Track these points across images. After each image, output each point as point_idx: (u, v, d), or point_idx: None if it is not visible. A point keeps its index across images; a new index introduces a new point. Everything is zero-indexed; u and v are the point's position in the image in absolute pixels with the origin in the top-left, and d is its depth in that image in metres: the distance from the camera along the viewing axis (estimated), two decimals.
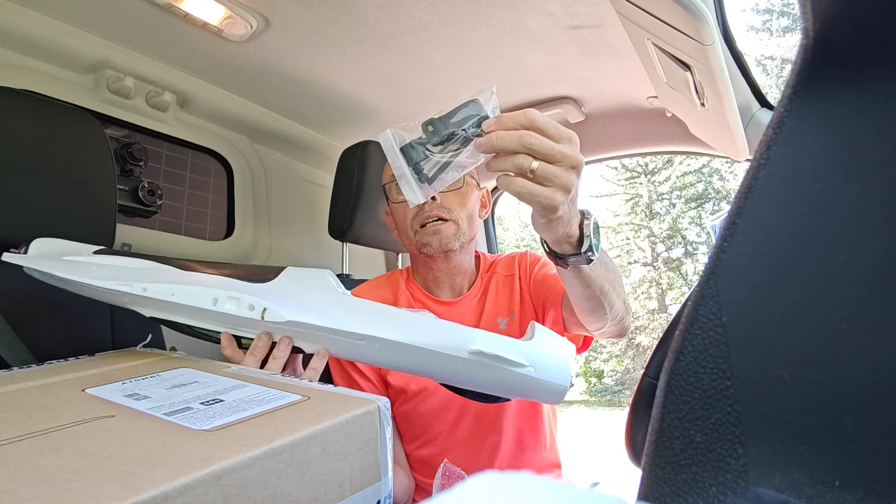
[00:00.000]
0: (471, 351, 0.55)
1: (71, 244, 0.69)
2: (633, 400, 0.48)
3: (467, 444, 0.85)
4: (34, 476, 0.28)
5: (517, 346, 0.57)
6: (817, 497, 0.19)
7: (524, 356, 0.56)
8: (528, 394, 0.59)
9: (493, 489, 0.13)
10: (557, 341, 0.60)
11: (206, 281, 0.60)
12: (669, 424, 0.22)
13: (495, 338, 0.57)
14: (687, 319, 0.23)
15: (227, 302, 0.58)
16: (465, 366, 0.56)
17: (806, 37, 0.22)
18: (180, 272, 0.62)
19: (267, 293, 0.59)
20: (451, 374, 0.58)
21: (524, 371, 0.56)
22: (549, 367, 0.57)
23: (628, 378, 13.07)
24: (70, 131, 0.79)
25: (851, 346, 0.19)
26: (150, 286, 0.59)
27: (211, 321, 0.60)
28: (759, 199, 0.22)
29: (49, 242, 0.68)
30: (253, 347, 0.59)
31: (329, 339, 0.58)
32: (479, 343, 0.56)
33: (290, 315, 0.57)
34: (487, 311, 0.90)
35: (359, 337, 0.57)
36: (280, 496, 0.32)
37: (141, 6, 0.88)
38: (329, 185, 1.24)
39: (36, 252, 0.66)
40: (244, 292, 0.58)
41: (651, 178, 13.83)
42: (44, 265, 0.63)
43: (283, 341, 0.59)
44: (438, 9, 0.91)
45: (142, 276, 0.61)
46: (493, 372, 0.56)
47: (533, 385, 0.57)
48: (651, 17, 0.66)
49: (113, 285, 0.60)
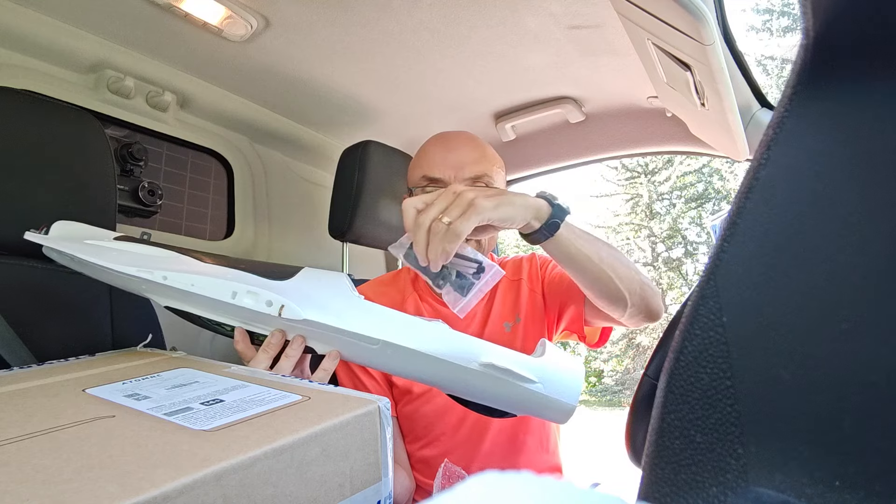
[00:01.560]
0: (482, 363, 0.56)
1: (92, 228, 0.69)
2: (633, 400, 0.48)
3: (469, 446, 0.85)
4: (35, 476, 0.28)
5: (528, 361, 0.57)
6: (818, 497, 0.19)
7: (534, 372, 0.56)
8: (536, 411, 0.59)
9: (493, 489, 0.13)
10: (568, 360, 0.60)
11: (225, 274, 0.60)
12: (669, 424, 0.22)
13: (507, 352, 0.58)
14: (687, 319, 0.23)
15: (245, 296, 0.58)
16: (475, 377, 0.56)
17: (806, 37, 0.22)
18: (200, 264, 0.62)
19: (285, 291, 0.59)
20: (460, 386, 0.58)
21: (533, 387, 0.56)
22: (558, 385, 0.57)
23: (628, 378, 13.06)
24: (70, 131, 0.79)
25: (852, 346, 0.19)
26: (171, 275, 0.59)
27: (227, 315, 0.60)
28: (759, 199, 0.22)
29: (70, 225, 0.68)
30: (266, 344, 0.58)
31: (342, 341, 0.58)
32: (490, 356, 0.56)
33: (306, 314, 0.57)
34: (494, 314, 0.90)
35: (373, 341, 0.57)
36: (280, 496, 0.32)
37: (141, 6, 0.88)
38: (329, 185, 1.24)
39: (57, 233, 0.66)
40: (263, 288, 0.58)
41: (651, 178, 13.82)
42: (65, 246, 0.63)
43: (297, 340, 0.59)
44: (438, 9, 0.91)
45: (162, 264, 0.61)
46: (502, 386, 0.56)
47: (541, 402, 0.57)
48: (651, 17, 0.66)
49: (134, 271, 0.60)
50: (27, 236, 0.65)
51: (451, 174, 0.82)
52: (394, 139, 1.38)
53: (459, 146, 0.84)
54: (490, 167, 0.83)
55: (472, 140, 0.87)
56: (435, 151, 0.85)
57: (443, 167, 0.83)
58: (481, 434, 0.85)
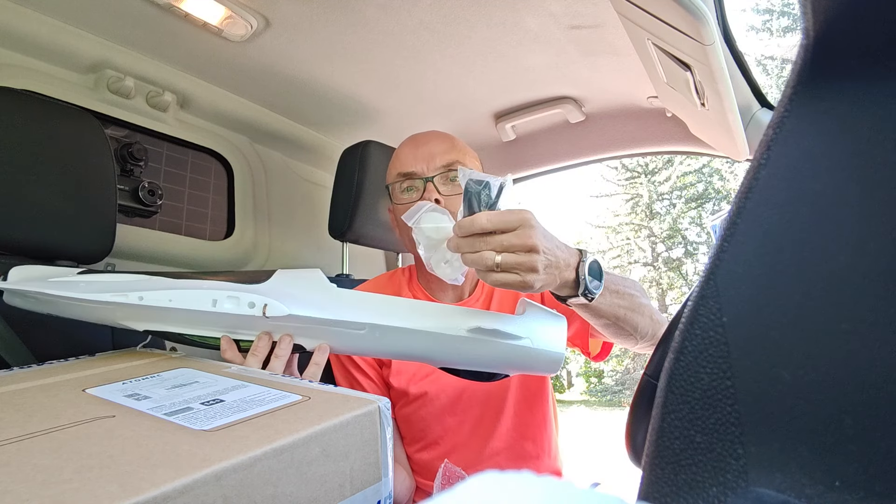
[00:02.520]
0: (469, 329, 0.58)
1: (50, 268, 0.66)
2: (633, 400, 0.48)
3: (467, 450, 0.85)
4: (35, 476, 0.28)
5: (512, 319, 0.60)
6: (818, 497, 0.19)
7: (520, 329, 0.59)
8: (527, 366, 0.61)
9: (493, 489, 0.13)
10: (549, 314, 0.62)
11: (201, 285, 0.60)
12: (669, 424, 0.22)
13: (491, 315, 0.60)
14: (687, 319, 0.23)
15: (226, 301, 0.58)
16: (465, 344, 0.58)
17: (806, 37, 0.22)
18: (174, 280, 0.61)
19: (265, 291, 0.59)
20: (451, 355, 0.60)
21: (521, 343, 0.58)
22: (544, 338, 0.60)
23: (628, 378, 13.07)
24: (70, 131, 0.79)
25: (851, 346, 0.19)
26: (147, 294, 0.59)
27: (210, 325, 0.60)
28: (759, 199, 0.22)
29: (28, 269, 0.65)
30: (254, 348, 0.58)
31: (330, 332, 0.59)
32: (476, 321, 0.58)
33: (291, 309, 0.57)
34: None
35: (359, 326, 0.58)
36: (280, 496, 0.32)
37: (141, 6, 0.88)
38: (329, 185, 1.24)
39: (17, 277, 0.63)
40: (243, 291, 0.59)
41: (651, 178, 13.83)
42: (29, 286, 0.61)
43: (284, 339, 0.59)
44: (438, 9, 0.91)
45: (135, 286, 0.60)
46: (492, 347, 0.58)
47: (531, 356, 0.59)
48: (651, 17, 0.66)
49: (108, 297, 0.59)
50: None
51: (424, 166, 0.84)
52: (394, 139, 1.38)
53: (428, 140, 0.88)
54: (462, 154, 0.86)
55: (441, 134, 0.90)
56: (406, 150, 0.88)
57: (414, 161, 0.85)
58: (480, 438, 0.85)
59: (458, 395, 0.85)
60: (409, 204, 0.83)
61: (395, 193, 0.89)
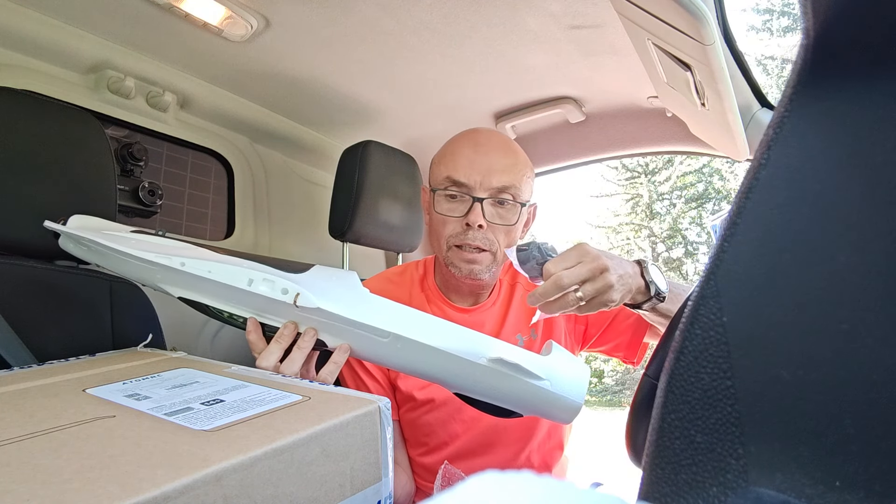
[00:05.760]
0: (490, 359, 0.56)
1: (109, 223, 0.71)
2: (633, 400, 0.48)
3: (471, 458, 0.84)
4: (35, 476, 0.28)
5: (536, 359, 0.58)
6: (818, 497, 0.19)
7: (542, 370, 0.57)
8: (543, 409, 0.59)
9: (493, 489, 0.13)
10: (574, 360, 0.61)
11: (241, 262, 0.61)
12: (670, 424, 0.22)
13: (515, 349, 0.58)
14: (687, 319, 0.23)
15: (262, 283, 0.59)
16: (483, 373, 0.57)
17: (806, 37, 0.22)
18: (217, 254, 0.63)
19: (300, 281, 0.60)
20: (468, 382, 0.58)
21: (540, 384, 0.57)
22: (565, 383, 0.58)
23: (628, 378, 13.06)
24: (70, 131, 0.79)
25: (852, 346, 0.19)
26: (189, 261, 0.60)
27: (241, 304, 0.61)
28: (759, 199, 0.22)
29: (88, 219, 0.70)
30: (279, 335, 0.59)
31: (353, 334, 0.59)
32: (498, 352, 0.56)
33: (320, 303, 0.57)
34: (509, 324, 0.88)
35: (383, 334, 0.58)
36: (281, 496, 0.32)
37: (141, 6, 0.88)
38: (329, 185, 1.23)
39: (76, 225, 0.68)
40: (280, 277, 0.59)
41: (651, 178, 13.82)
42: (85, 233, 0.65)
43: (309, 332, 0.59)
44: (438, 9, 0.91)
45: (181, 251, 0.62)
46: (510, 382, 0.57)
47: (548, 400, 0.57)
48: (651, 16, 0.66)
49: (152, 257, 0.61)
50: (46, 225, 0.67)
51: (478, 180, 0.78)
52: (394, 139, 1.38)
53: (490, 150, 0.80)
54: (519, 177, 0.80)
55: (505, 144, 0.82)
56: (463, 153, 0.80)
57: (469, 171, 0.78)
58: (484, 447, 0.84)
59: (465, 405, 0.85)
60: (451, 217, 0.81)
61: (439, 199, 0.82)
